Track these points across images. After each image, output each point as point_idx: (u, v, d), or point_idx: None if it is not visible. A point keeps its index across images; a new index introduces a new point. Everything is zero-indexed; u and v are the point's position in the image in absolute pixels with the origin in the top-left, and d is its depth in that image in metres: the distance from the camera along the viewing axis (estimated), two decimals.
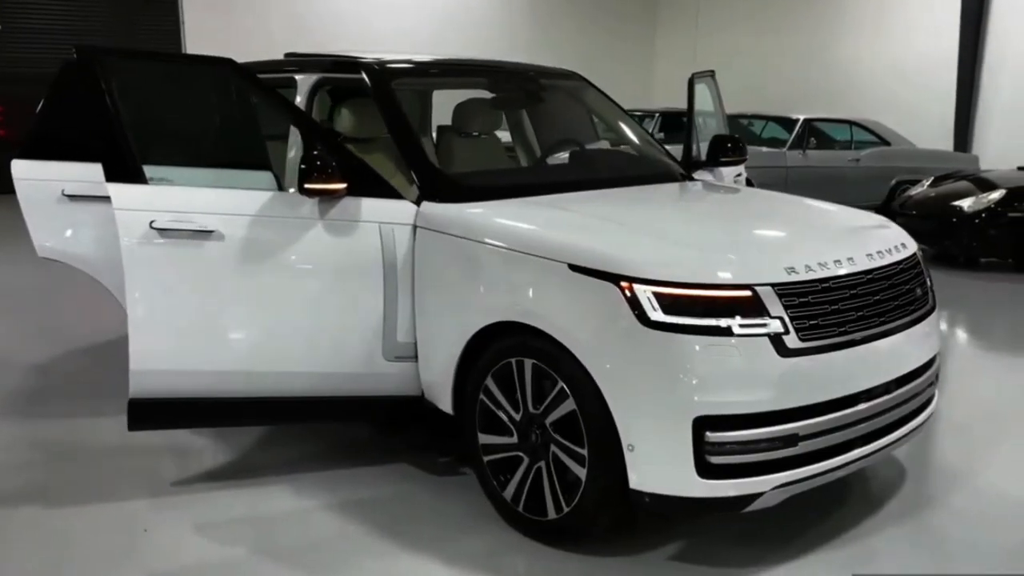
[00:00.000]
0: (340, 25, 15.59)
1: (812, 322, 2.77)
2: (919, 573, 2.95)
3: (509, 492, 3.13)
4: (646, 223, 3.39)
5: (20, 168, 4.12)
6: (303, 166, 3.21)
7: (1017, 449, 4.04)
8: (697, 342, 2.64)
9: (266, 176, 3.66)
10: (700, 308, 2.68)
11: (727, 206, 3.91)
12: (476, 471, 3.33)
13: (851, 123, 11.26)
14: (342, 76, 4.16)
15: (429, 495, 3.47)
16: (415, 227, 3.37)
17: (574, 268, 2.84)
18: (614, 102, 4.63)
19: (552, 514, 2.99)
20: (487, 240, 3.15)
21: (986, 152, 12.64)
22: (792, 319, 2.72)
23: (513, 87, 4.68)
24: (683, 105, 13.12)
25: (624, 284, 2.72)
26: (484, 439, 3.21)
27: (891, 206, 9.39)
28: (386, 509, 3.35)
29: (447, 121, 4.61)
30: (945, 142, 13.36)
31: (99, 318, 5.77)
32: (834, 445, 2.83)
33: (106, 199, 4.00)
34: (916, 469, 3.70)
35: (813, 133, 11.00)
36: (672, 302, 2.68)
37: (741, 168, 5.07)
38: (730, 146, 4.48)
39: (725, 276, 2.75)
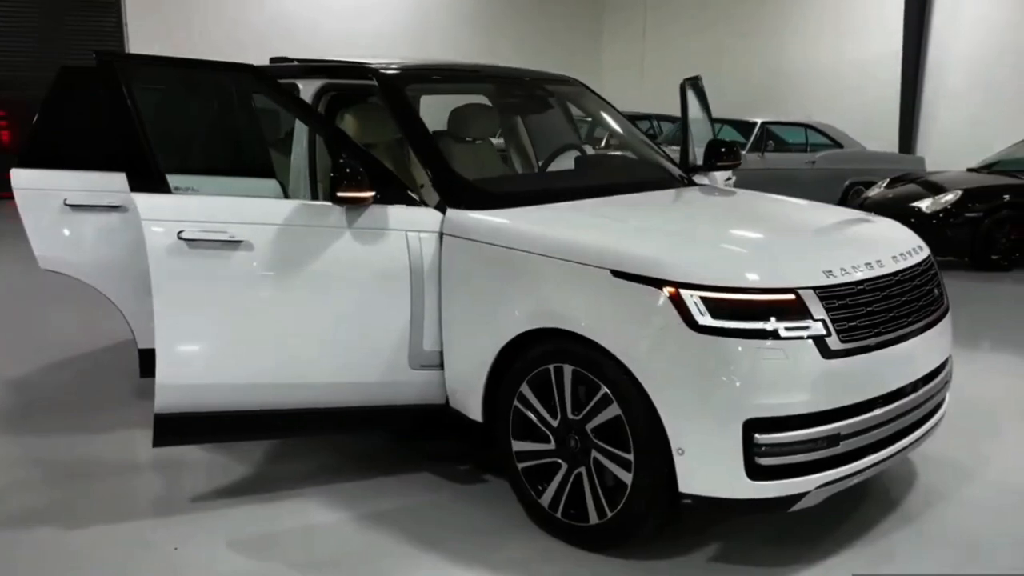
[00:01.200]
0: (289, 27, 15.39)
1: (851, 324, 2.83)
2: (920, 573, 3.02)
3: (546, 499, 3.13)
4: (680, 227, 3.43)
5: (20, 177, 3.97)
6: (334, 174, 3.16)
7: (1009, 443, 4.20)
8: (745, 345, 2.68)
9: (273, 184, 3.61)
10: (746, 311, 2.72)
11: (747, 210, 3.96)
12: (509, 478, 3.31)
13: (806, 126, 11.55)
14: (348, 82, 4.11)
15: (455, 504, 3.45)
16: (441, 234, 3.35)
17: (617, 274, 2.85)
18: (613, 107, 4.66)
19: (594, 519, 3.00)
20: (523, 247, 3.13)
21: (930, 154, 13.08)
22: (833, 321, 2.78)
23: (517, 92, 4.68)
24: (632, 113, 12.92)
25: (670, 289, 2.74)
26: (518, 446, 3.20)
27: (847, 207, 9.63)
28: (414, 520, 3.32)
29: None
30: (889, 144, 13.79)
31: (97, 327, 5.63)
32: (869, 444, 2.90)
33: (109, 208, 3.93)
34: (923, 465, 3.81)
35: (769, 136, 11.24)
36: (718, 306, 2.71)
37: (730, 172, 5.17)
38: (724, 150, 4.55)
39: (769, 279, 2.79)
